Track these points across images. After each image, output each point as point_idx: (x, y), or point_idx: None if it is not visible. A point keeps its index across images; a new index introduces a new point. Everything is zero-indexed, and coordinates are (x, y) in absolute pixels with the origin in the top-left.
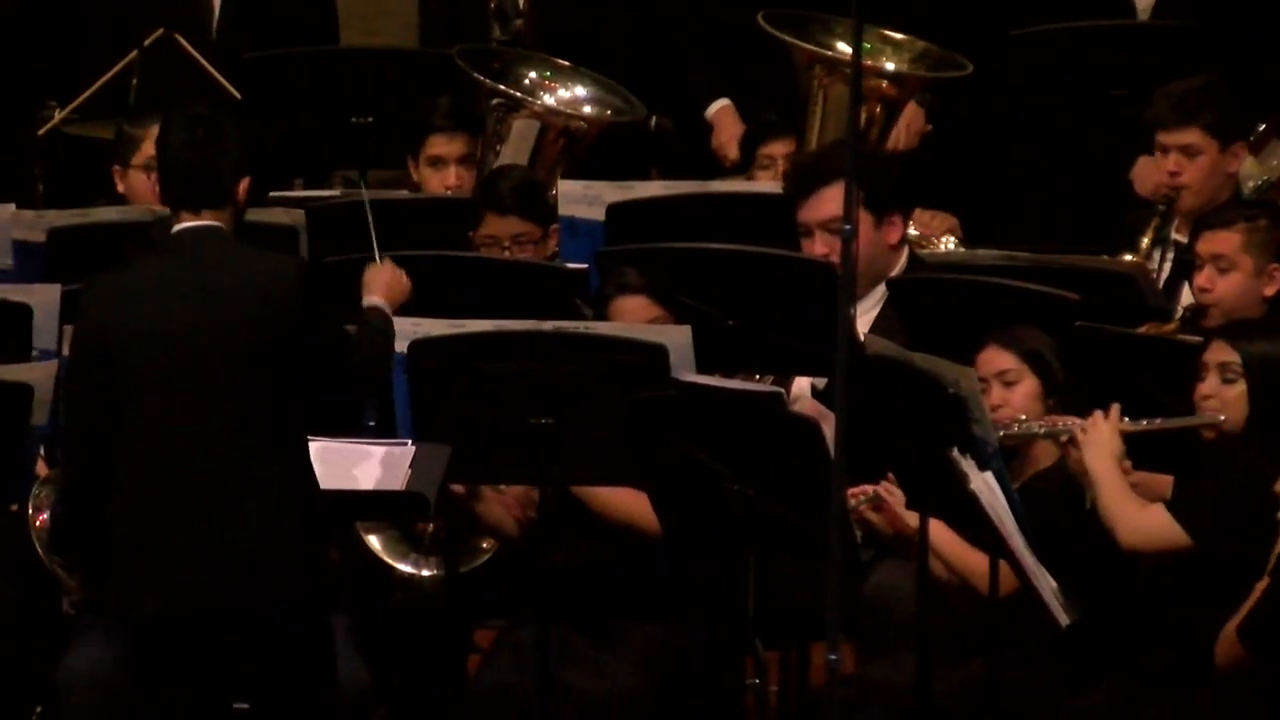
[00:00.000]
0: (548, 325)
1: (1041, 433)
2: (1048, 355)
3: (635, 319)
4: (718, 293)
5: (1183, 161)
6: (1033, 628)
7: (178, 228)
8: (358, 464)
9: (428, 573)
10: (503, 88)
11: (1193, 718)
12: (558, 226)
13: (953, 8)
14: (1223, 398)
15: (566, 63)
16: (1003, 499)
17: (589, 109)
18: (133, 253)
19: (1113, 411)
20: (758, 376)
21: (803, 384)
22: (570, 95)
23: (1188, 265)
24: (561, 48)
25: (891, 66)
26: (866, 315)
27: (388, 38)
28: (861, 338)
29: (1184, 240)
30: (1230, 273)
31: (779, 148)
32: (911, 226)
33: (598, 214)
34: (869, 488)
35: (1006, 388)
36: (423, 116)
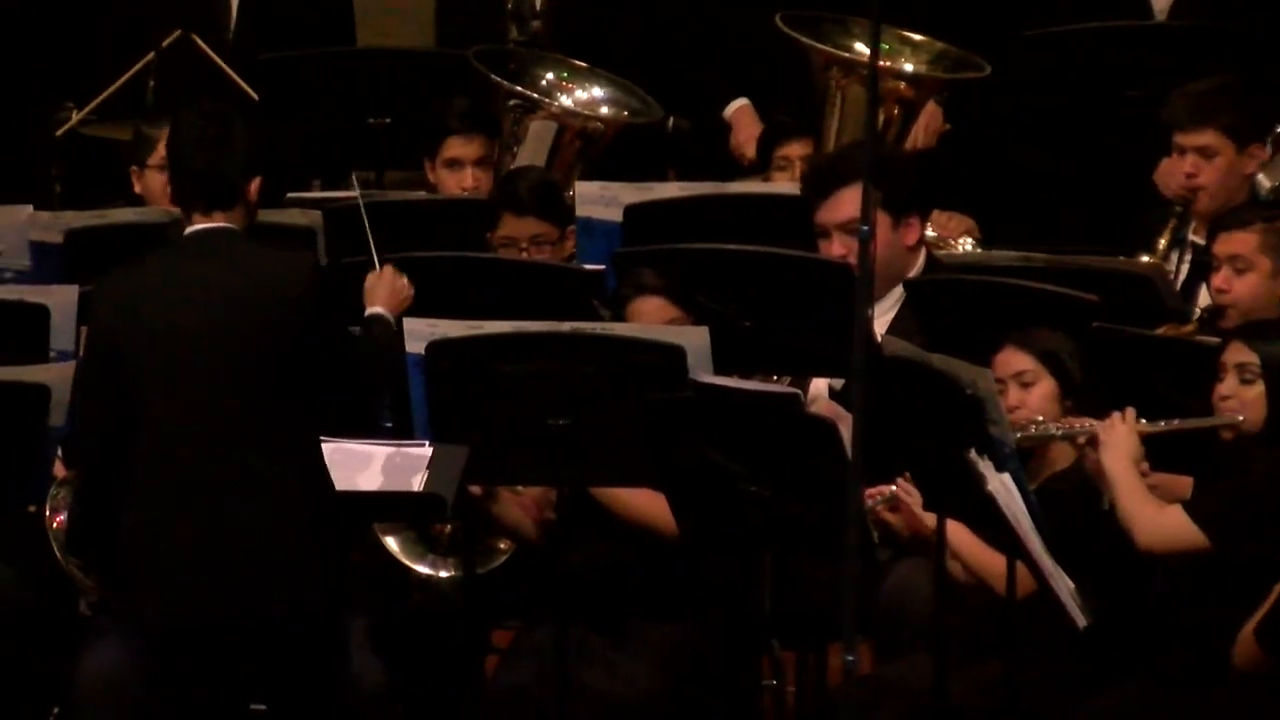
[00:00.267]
0: (565, 326)
1: (1059, 434)
2: (1065, 356)
3: (652, 320)
4: (735, 294)
5: (1199, 163)
6: (1050, 629)
7: (190, 230)
8: (363, 466)
9: (445, 574)
10: (520, 89)
11: (1210, 719)
12: (575, 227)
13: (968, 8)
14: (1241, 398)
15: (584, 64)
16: (1020, 500)
17: (606, 110)
18: (149, 255)
19: (1129, 413)
20: (775, 377)
21: (820, 385)
22: (587, 96)
23: (1205, 266)
24: (578, 49)
25: (909, 67)
26: (884, 316)
27: (404, 39)
28: (879, 339)
29: (1201, 241)
30: (1248, 273)
31: (796, 149)
32: (929, 228)
33: (615, 215)
34: (886, 488)
35: (1024, 389)
36: (439, 118)
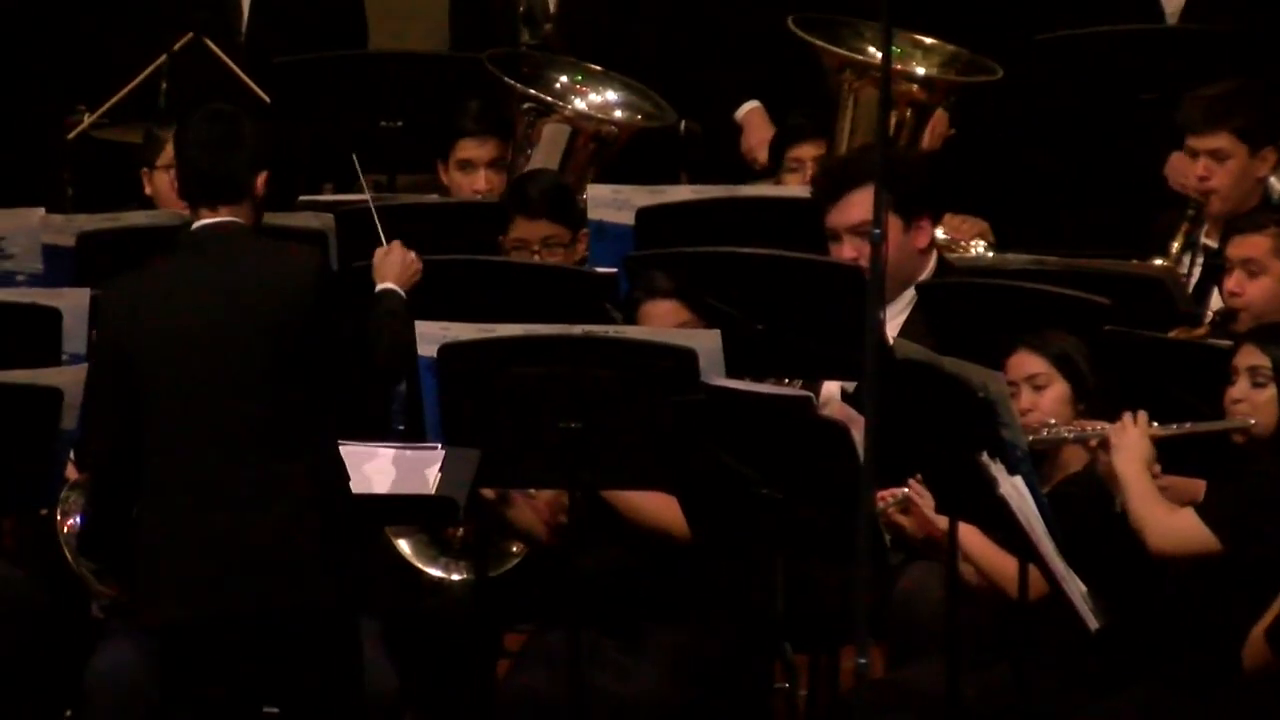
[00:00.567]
0: (577, 329)
1: (1071, 437)
2: (1077, 359)
3: (664, 323)
4: (747, 297)
5: (1212, 166)
6: (1062, 631)
7: (197, 225)
8: (375, 468)
9: (457, 577)
10: (533, 92)
11: None
12: (587, 230)
13: (980, 12)
14: (1253, 402)
15: (597, 67)
16: (1032, 503)
17: (619, 114)
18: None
19: (1141, 416)
20: (787, 380)
21: (832, 388)
22: (601, 100)
23: (1217, 269)
24: (590, 52)
25: (921, 71)
26: (895, 319)
27: (417, 41)
28: (890, 341)
29: (1213, 245)
30: (1261, 277)
31: (808, 151)
32: (942, 230)
33: (627, 218)
34: (898, 491)
35: (1036, 392)
36: (452, 120)
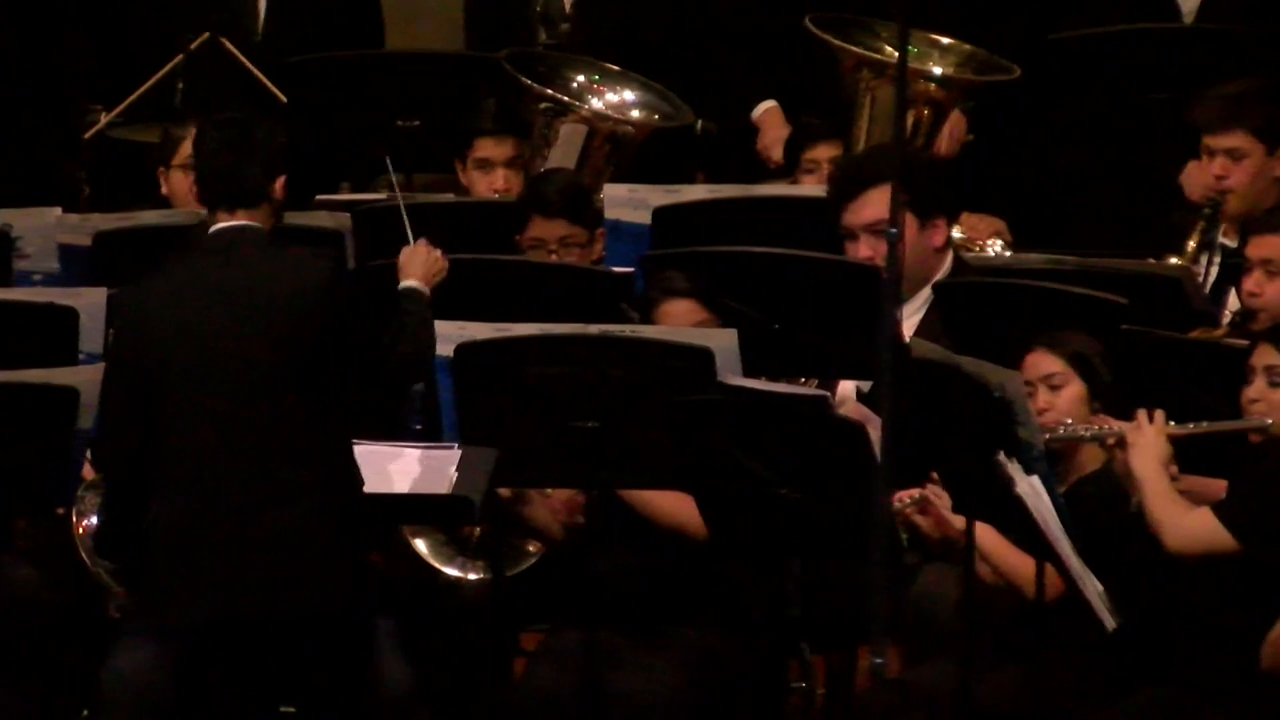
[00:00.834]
0: (593, 329)
1: (1087, 436)
2: (1094, 359)
3: (681, 323)
4: (763, 296)
5: (1228, 165)
6: (1078, 631)
7: (214, 228)
8: (392, 468)
9: (474, 576)
10: (551, 91)
11: None
12: (604, 230)
13: (997, 11)
14: (1270, 401)
15: (615, 66)
16: (1048, 502)
17: (636, 113)
18: (170, 260)
19: (1157, 416)
20: (803, 380)
21: (848, 387)
22: (618, 99)
23: (1235, 269)
24: (607, 51)
25: (938, 70)
26: (911, 319)
27: (433, 41)
28: (907, 341)
29: (1231, 244)
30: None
31: (824, 151)
32: (958, 230)
33: (644, 218)
34: (915, 491)
35: (1052, 391)
36: (470, 120)
